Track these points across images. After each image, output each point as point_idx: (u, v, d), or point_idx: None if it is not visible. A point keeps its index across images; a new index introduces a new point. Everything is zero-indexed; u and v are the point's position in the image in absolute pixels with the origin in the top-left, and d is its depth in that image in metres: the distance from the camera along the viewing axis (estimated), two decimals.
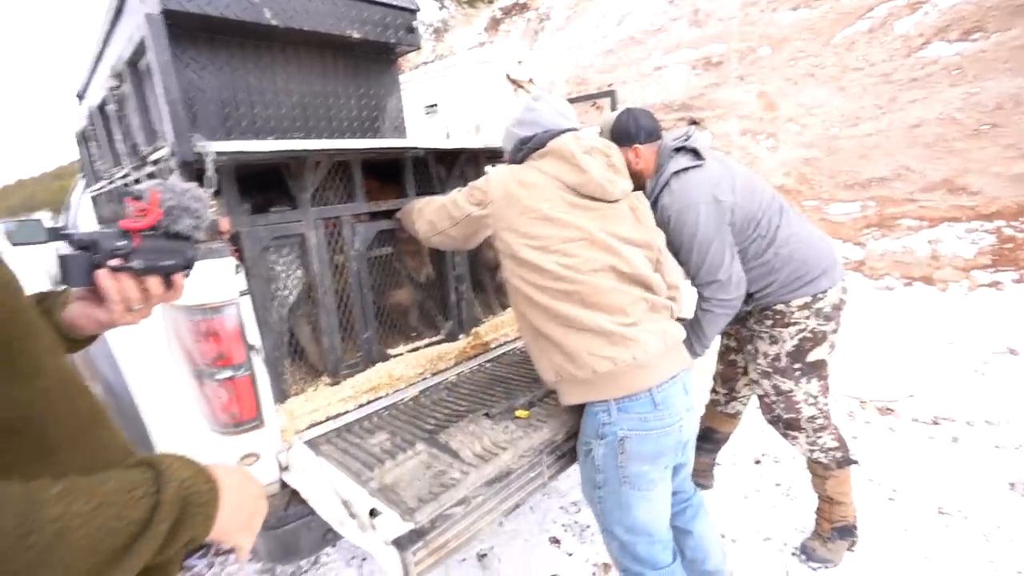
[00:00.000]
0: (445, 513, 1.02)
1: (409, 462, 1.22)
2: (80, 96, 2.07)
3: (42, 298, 0.71)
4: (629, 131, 1.59)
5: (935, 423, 2.61)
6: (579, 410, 1.32)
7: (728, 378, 2.03)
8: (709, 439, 2.13)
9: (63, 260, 0.64)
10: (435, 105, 2.64)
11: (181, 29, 1.24)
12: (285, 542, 1.30)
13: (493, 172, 1.30)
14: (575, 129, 1.33)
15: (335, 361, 1.55)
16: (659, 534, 1.23)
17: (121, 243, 0.65)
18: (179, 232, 0.73)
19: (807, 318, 1.54)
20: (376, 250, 1.65)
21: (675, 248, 1.53)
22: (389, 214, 1.64)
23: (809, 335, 1.56)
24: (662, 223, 1.50)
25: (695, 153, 1.56)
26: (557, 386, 1.26)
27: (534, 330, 1.22)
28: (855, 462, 1.73)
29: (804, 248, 1.53)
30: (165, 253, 0.71)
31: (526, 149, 1.32)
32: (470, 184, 1.34)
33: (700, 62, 5.23)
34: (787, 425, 1.69)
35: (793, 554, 1.86)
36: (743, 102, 4.94)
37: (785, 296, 1.56)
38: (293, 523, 1.29)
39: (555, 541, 2.03)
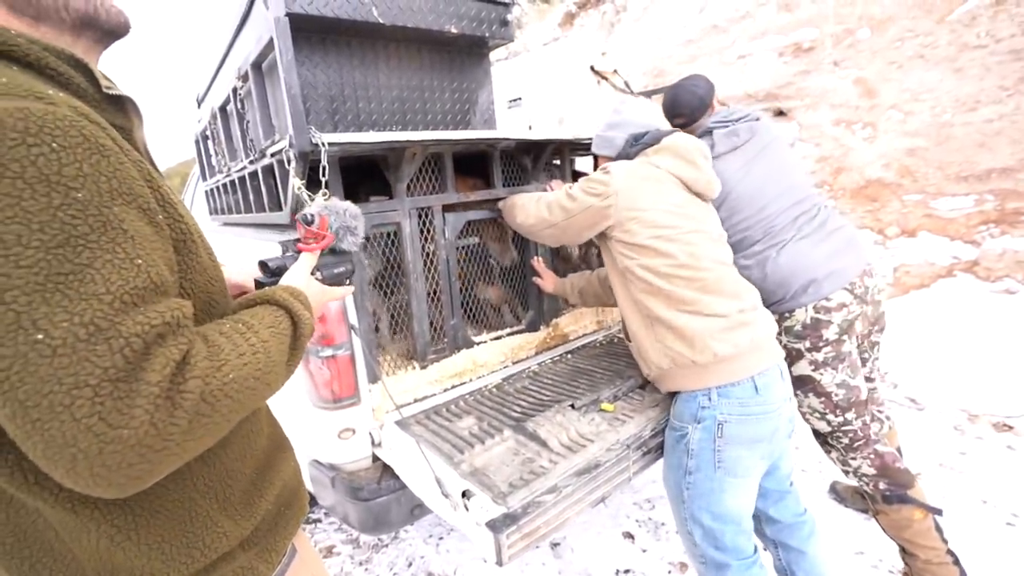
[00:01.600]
0: (536, 500, 1.04)
1: (497, 447, 1.25)
2: (199, 101, 2.28)
3: None
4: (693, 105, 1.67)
5: None
6: (666, 404, 1.34)
7: None
8: None
9: (260, 284, 0.83)
10: (519, 98, 2.67)
11: (299, 31, 1.34)
12: (376, 514, 1.38)
13: (613, 167, 1.35)
14: (675, 130, 1.44)
15: (424, 346, 1.61)
16: (745, 523, 1.23)
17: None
18: (343, 249, 0.90)
19: (779, 335, 1.54)
20: (464, 239, 1.70)
21: None
22: (476, 205, 1.68)
23: (783, 352, 1.52)
24: None
25: (713, 145, 1.57)
26: (664, 375, 1.26)
27: (650, 317, 1.25)
28: (911, 501, 1.49)
29: (774, 272, 1.51)
30: (338, 264, 0.89)
31: (640, 145, 1.40)
32: (583, 179, 1.39)
33: (789, 48, 4.90)
34: (815, 435, 1.67)
35: (890, 572, 1.73)
36: (837, 89, 4.58)
37: None
38: (384, 496, 1.36)
39: (629, 536, 2.01)
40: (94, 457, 0.42)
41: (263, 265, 0.84)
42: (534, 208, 1.49)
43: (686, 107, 1.69)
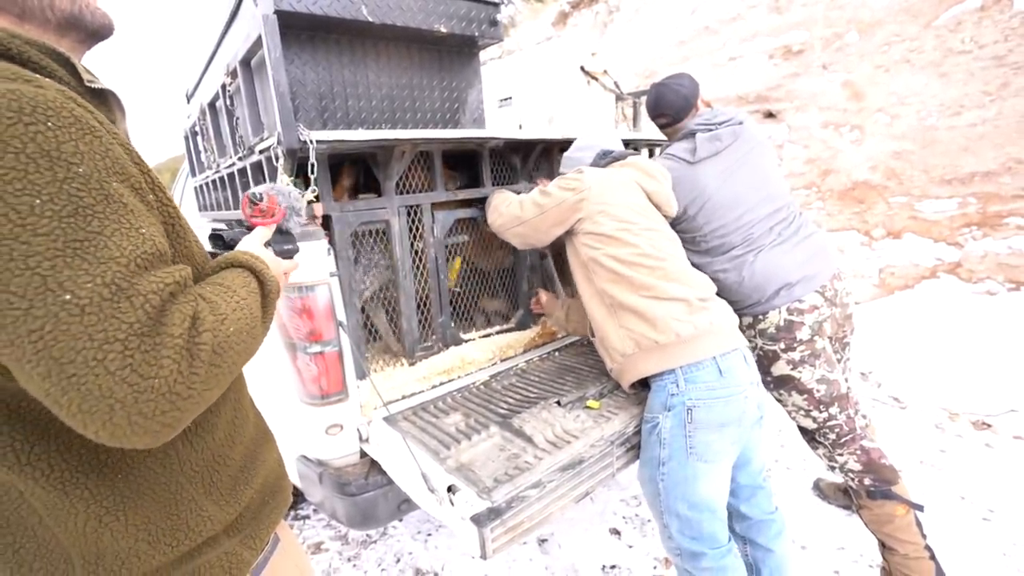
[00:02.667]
0: (520, 495, 1.06)
1: (483, 444, 1.27)
2: (188, 96, 2.27)
3: None
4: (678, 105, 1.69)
5: None
6: (646, 401, 1.36)
7: None
8: None
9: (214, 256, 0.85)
10: (509, 98, 2.68)
11: (288, 28, 1.34)
12: (363, 509, 1.39)
13: (585, 168, 1.46)
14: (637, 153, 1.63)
15: (412, 343, 1.62)
16: (720, 511, 1.25)
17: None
18: (287, 230, 0.95)
19: (754, 337, 1.61)
20: (453, 237, 1.71)
21: None
22: (466, 203, 1.69)
23: (760, 353, 1.62)
24: None
25: (693, 150, 1.60)
26: (628, 361, 1.29)
27: (614, 305, 1.31)
28: (894, 497, 1.52)
29: (750, 277, 1.55)
30: (285, 241, 0.93)
31: (609, 159, 1.53)
32: (558, 178, 1.47)
33: (779, 51, 4.95)
34: (802, 432, 1.71)
35: (869, 567, 1.76)
36: (825, 92, 4.64)
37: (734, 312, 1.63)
38: (372, 492, 1.37)
39: (615, 532, 2.03)
40: (131, 406, 0.45)
41: (217, 237, 0.89)
42: (505, 208, 1.52)
43: (670, 107, 1.69)
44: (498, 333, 1.78)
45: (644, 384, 1.36)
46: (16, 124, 0.44)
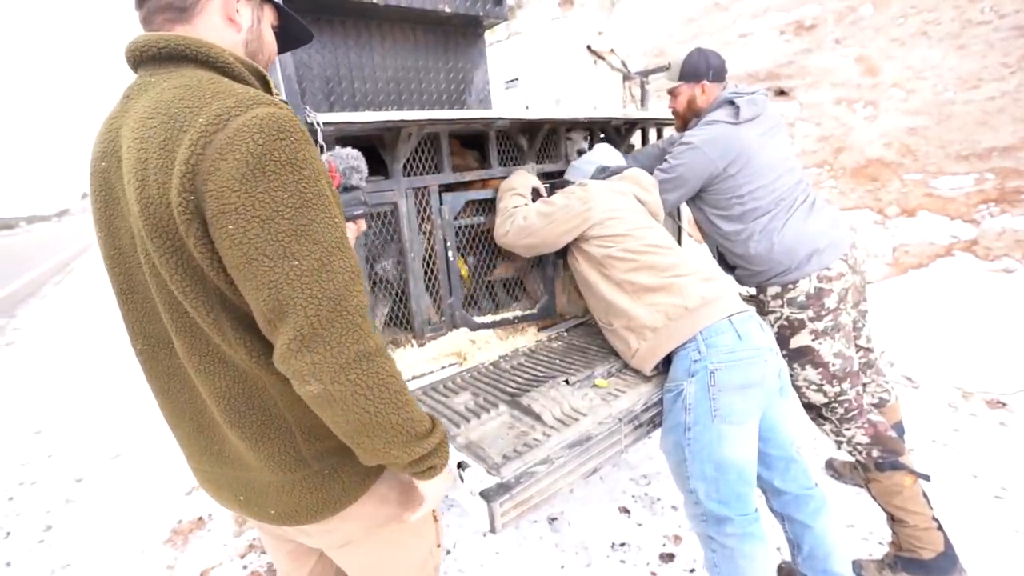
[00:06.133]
0: (529, 471, 1.07)
1: (492, 422, 1.28)
2: None
3: None
4: (699, 68, 1.73)
5: None
6: (658, 381, 1.41)
7: None
8: None
9: None
10: (516, 79, 2.66)
11: (294, 10, 1.33)
12: None
13: (588, 182, 1.63)
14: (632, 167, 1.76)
15: (421, 323, 1.64)
16: (747, 475, 1.26)
17: None
18: (353, 185, 1.06)
19: (781, 307, 1.64)
20: (465, 219, 1.71)
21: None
22: (476, 185, 1.69)
23: (785, 323, 1.64)
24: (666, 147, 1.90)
25: (737, 111, 1.63)
26: (660, 335, 1.36)
27: (640, 291, 1.41)
28: (902, 467, 1.54)
29: (780, 243, 1.60)
30: (351, 204, 1.05)
31: (607, 173, 1.69)
32: (560, 192, 1.60)
33: (791, 26, 4.83)
34: (808, 409, 1.72)
35: (880, 544, 1.77)
36: (838, 68, 4.53)
37: (760, 283, 1.68)
38: None
39: (625, 511, 2.06)
40: (303, 342, 0.65)
41: None
42: (510, 224, 1.60)
43: (716, 67, 1.74)
44: (516, 320, 1.79)
45: (666, 363, 1.40)
46: (276, 140, 0.62)
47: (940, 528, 1.54)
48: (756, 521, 1.25)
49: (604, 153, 1.81)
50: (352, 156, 1.08)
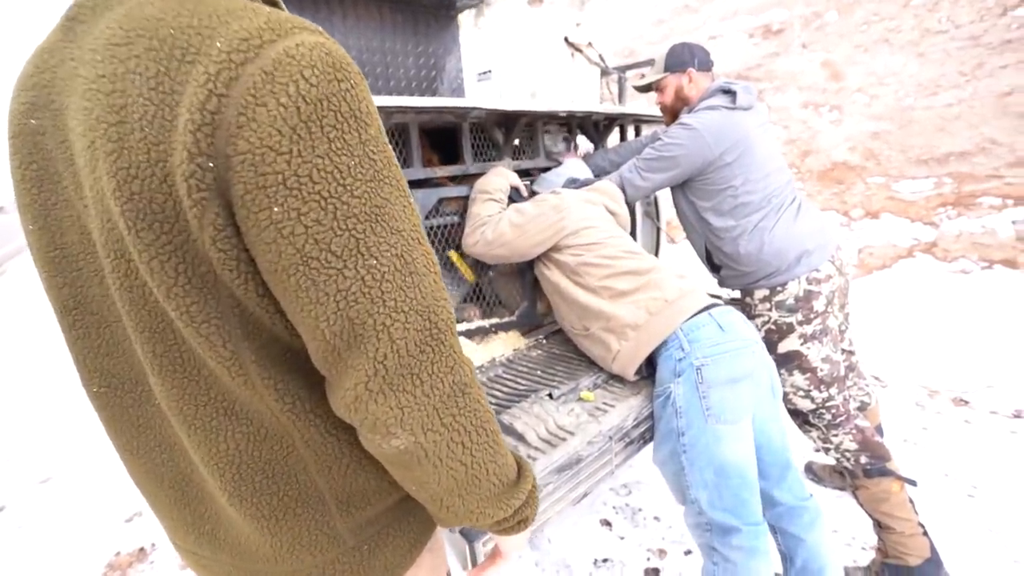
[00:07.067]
0: None
1: None
2: None
3: None
4: (684, 57, 1.68)
5: (1017, 416, 2.42)
6: (648, 391, 1.34)
7: None
8: None
9: None
10: (488, 71, 2.53)
11: None
12: None
13: (561, 191, 1.59)
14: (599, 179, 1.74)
15: None
16: (750, 478, 1.19)
17: None
18: None
19: (769, 310, 1.58)
20: (439, 219, 1.59)
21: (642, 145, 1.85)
22: (449, 180, 1.56)
23: (773, 327, 1.58)
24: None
25: (733, 97, 1.57)
26: (642, 332, 1.30)
27: (619, 294, 1.36)
28: (890, 473, 1.51)
29: (770, 243, 1.55)
30: None
31: (578, 184, 1.66)
32: (531, 201, 1.55)
33: (759, 30, 4.90)
34: (794, 416, 1.67)
35: (863, 549, 1.74)
36: (805, 72, 4.61)
37: (747, 285, 1.62)
38: None
39: (606, 524, 1.97)
40: (375, 379, 0.47)
41: None
42: (479, 235, 1.52)
43: (702, 53, 1.70)
44: (493, 328, 1.67)
45: (648, 368, 1.34)
46: (332, 82, 0.42)
47: (925, 533, 1.52)
48: (764, 534, 1.18)
49: (574, 167, 1.80)
50: None
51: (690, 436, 1.18)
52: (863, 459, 1.54)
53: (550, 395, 1.31)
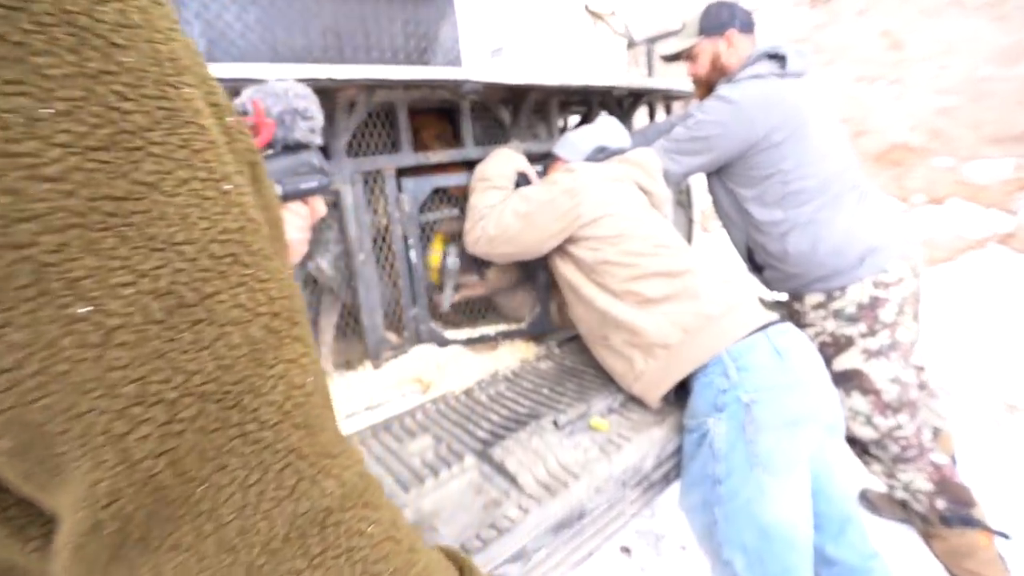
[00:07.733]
0: (496, 573, 0.76)
1: (454, 482, 0.97)
2: None
3: None
4: (722, 17, 1.41)
5: None
6: (673, 423, 1.11)
7: None
8: None
9: None
10: (501, 48, 2.30)
11: None
12: None
13: (577, 165, 1.33)
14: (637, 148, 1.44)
15: (376, 341, 1.32)
16: (800, 542, 0.95)
17: None
18: (298, 141, 0.69)
19: (823, 319, 1.33)
20: (432, 212, 1.39)
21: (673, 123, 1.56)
22: (446, 167, 1.36)
23: (828, 339, 1.33)
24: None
25: (783, 62, 1.30)
26: (674, 353, 1.07)
27: (647, 302, 1.13)
28: (976, 524, 1.25)
29: (827, 240, 1.29)
30: (297, 172, 0.68)
31: (607, 153, 1.39)
32: (543, 180, 1.35)
33: None
34: (851, 444, 1.40)
35: None
36: (859, 43, 4.17)
37: (796, 289, 1.36)
38: None
39: (625, 551, 1.76)
40: None
41: None
42: (480, 231, 1.28)
43: (743, 12, 1.43)
44: (501, 337, 1.47)
45: (678, 390, 1.12)
46: None
47: None
48: None
49: (606, 128, 1.45)
50: (296, 93, 0.71)
51: (729, 486, 0.95)
52: (939, 503, 1.28)
53: (555, 422, 1.10)
